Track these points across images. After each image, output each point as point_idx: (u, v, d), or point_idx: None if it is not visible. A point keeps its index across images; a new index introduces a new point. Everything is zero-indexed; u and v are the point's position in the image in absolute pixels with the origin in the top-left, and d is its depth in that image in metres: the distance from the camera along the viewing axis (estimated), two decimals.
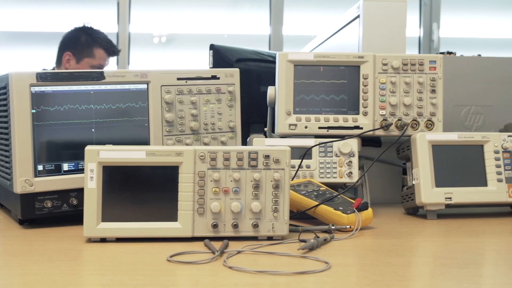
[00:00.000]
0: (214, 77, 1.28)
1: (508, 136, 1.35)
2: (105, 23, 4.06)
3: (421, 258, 0.96)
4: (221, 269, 0.85)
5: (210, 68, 1.85)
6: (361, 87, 1.34)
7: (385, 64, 1.35)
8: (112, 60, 4.07)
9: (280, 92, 1.34)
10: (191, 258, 0.90)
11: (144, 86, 1.23)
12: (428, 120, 1.36)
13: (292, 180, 1.30)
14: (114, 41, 4.04)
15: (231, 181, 1.04)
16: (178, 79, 1.25)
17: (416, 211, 1.36)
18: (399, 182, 1.58)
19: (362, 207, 1.16)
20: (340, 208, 1.16)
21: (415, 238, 1.13)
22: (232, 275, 0.82)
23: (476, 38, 4.31)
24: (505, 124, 1.64)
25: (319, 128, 1.34)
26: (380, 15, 1.51)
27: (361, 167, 1.36)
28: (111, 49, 2.77)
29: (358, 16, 1.55)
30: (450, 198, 1.28)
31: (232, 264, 0.87)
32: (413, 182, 1.31)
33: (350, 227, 1.12)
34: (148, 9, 4.21)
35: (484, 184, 1.32)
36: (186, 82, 1.26)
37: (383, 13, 1.51)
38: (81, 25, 2.79)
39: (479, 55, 2.04)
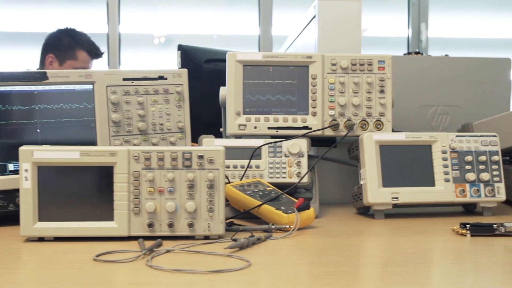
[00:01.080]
0: (161, 78, 1.30)
1: (456, 136, 1.35)
2: (95, 23, 4.09)
3: (346, 257, 0.97)
4: (141, 268, 0.86)
5: (179, 68, 1.86)
6: (310, 87, 1.35)
7: (334, 64, 1.36)
8: (103, 60, 4.10)
9: (230, 93, 1.35)
10: (119, 257, 0.91)
11: (90, 86, 1.24)
12: (377, 120, 1.37)
13: (241, 180, 1.31)
14: (104, 42, 4.06)
15: (166, 181, 1.05)
16: (124, 79, 1.26)
17: (367, 211, 1.37)
18: (355, 182, 1.59)
19: (303, 207, 1.17)
20: (282, 208, 1.17)
21: (353, 237, 1.14)
22: (150, 274, 0.83)
23: (465, 38, 4.31)
24: (462, 124, 1.65)
25: (269, 128, 1.35)
26: (335, 15, 1.52)
27: (312, 168, 1.37)
28: (94, 52, 2.78)
29: (315, 16, 1.56)
30: (397, 198, 1.29)
31: (156, 263, 0.88)
32: (361, 182, 1.32)
33: (290, 227, 1.13)
34: (138, 9, 4.22)
35: (432, 184, 1.32)
36: (132, 82, 1.27)
37: (338, 13, 1.52)
38: (64, 27, 2.80)
39: (446, 55, 2.05)
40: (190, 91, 2.05)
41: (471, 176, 1.32)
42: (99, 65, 4.07)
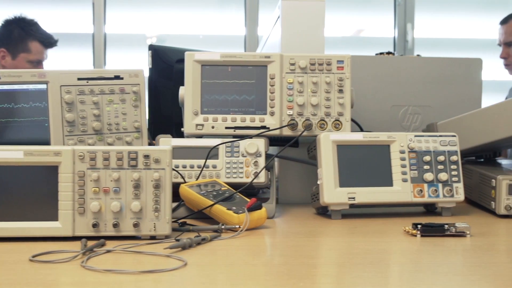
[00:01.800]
0: (117, 77, 1.29)
1: (415, 136, 1.35)
2: (81, 24, 4.09)
3: (287, 257, 0.96)
4: (74, 269, 0.86)
5: (149, 68, 1.86)
6: (268, 87, 1.35)
7: (292, 64, 1.35)
8: (89, 60, 4.09)
9: (187, 93, 1.35)
10: (57, 257, 0.91)
11: (43, 86, 1.23)
12: (335, 120, 1.36)
13: (197, 179, 1.31)
14: (91, 42, 4.06)
15: (111, 181, 1.04)
16: (79, 79, 1.26)
17: (325, 211, 1.37)
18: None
19: (254, 207, 1.16)
20: (233, 208, 1.17)
21: (303, 237, 1.13)
22: (80, 274, 0.83)
23: (451, 38, 4.30)
24: (427, 124, 1.64)
25: (226, 128, 1.35)
26: (298, 15, 1.51)
27: (270, 167, 1.36)
28: (47, 41, 2.68)
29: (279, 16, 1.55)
30: (354, 198, 1.28)
31: (94, 263, 0.88)
32: (318, 182, 1.31)
33: (240, 227, 1.13)
34: (132, 10, 4.20)
35: (390, 184, 1.32)
36: (87, 82, 1.26)
37: (301, 13, 1.51)
38: (12, 17, 2.68)
39: (418, 55, 2.04)
40: (162, 91, 2.04)
41: (429, 176, 1.32)
42: (86, 65, 4.07)
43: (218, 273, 0.86)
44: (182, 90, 1.38)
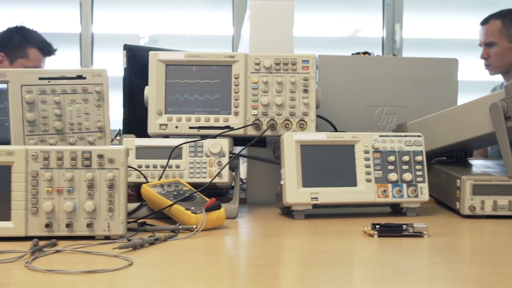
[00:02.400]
0: (80, 77, 1.29)
1: (380, 136, 1.34)
2: (68, 23, 4.08)
3: (237, 258, 0.96)
4: (18, 268, 0.85)
5: (124, 68, 1.85)
6: (233, 87, 1.34)
7: (257, 64, 1.35)
8: (76, 60, 4.08)
9: (151, 92, 1.34)
10: (5, 257, 0.90)
11: (4, 85, 1.23)
12: (300, 120, 1.36)
13: (160, 179, 1.30)
14: (77, 42, 4.05)
15: (65, 180, 1.04)
16: (40, 78, 1.25)
17: (290, 211, 1.36)
18: None
19: (212, 207, 1.16)
20: (192, 208, 1.16)
21: (260, 238, 1.13)
22: (21, 275, 0.83)
23: (439, 39, 4.30)
24: (397, 124, 1.64)
25: (190, 128, 1.34)
26: (267, 15, 1.51)
27: (234, 167, 1.36)
28: (46, 49, 2.72)
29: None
30: (317, 198, 1.28)
31: (40, 264, 0.87)
32: (281, 182, 1.31)
33: (197, 227, 1.12)
34: (126, 10, 4.19)
35: (354, 184, 1.31)
36: (48, 82, 1.26)
37: (270, 12, 1.51)
38: (14, 25, 2.74)
39: (394, 55, 2.04)
40: (137, 91, 2.03)
41: (393, 176, 1.31)
42: (72, 64, 4.06)
43: (162, 273, 0.86)
44: (147, 90, 1.38)
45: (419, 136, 1.36)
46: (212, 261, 0.94)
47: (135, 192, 1.38)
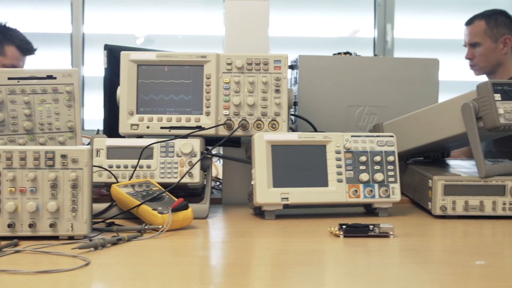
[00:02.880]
0: (50, 77, 1.28)
1: (352, 136, 1.34)
2: (59, 24, 4.08)
3: (199, 258, 0.96)
4: None
5: (105, 68, 1.85)
6: (205, 87, 1.34)
7: (229, 64, 1.35)
8: (66, 60, 4.07)
9: (122, 92, 1.34)
10: None
11: None
12: (272, 120, 1.36)
13: (130, 179, 1.30)
14: (68, 42, 4.05)
15: (28, 180, 1.04)
16: (9, 78, 1.25)
17: (262, 211, 1.35)
18: None
19: (179, 208, 1.16)
20: (159, 208, 1.16)
21: (227, 238, 1.13)
22: None
23: (431, 39, 4.30)
24: (373, 124, 1.64)
25: (161, 128, 1.34)
26: (242, 15, 1.50)
27: (206, 168, 1.36)
28: (25, 47, 2.67)
29: None
30: (287, 198, 1.28)
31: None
32: (252, 182, 1.30)
33: (163, 227, 1.12)
34: (120, 10, 4.19)
35: (325, 184, 1.31)
36: (18, 81, 1.25)
37: (245, 12, 1.51)
38: None
39: (376, 55, 2.04)
40: (116, 91, 2.03)
41: (364, 176, 1.31)
42: (60, 65, 4.05)
43: (118, 273, 0.86)
44: (119, 90, 1.38)
45: (391, 136, 1.36)
46: (175, 261, 0.94)
47: (108, 192, 1.38)
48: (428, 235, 1.18)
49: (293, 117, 1.96)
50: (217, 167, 1.82)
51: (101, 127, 1.92)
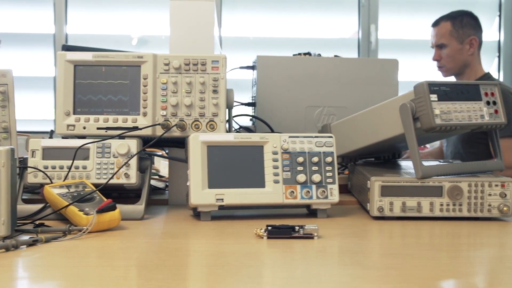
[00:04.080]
0: None
1: (289, 137, 1.33)
2: (43, 24, 4.08)
3: (117, 260, 0.95)
4: None
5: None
6: (142, 87, 1.34)
7: (166, 64, 1.34)
8: (50, 61, 4.07)
9: (59, 93, 1.33)
10: None
11: None
12: (210, 120, 1.35)
13: (65, 180, 1.30)
14: (50, 42, 4.05)
15: None
16: None
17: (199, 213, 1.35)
18: None
19: (105, 209, 1.15)
20: (86, 209, 1.16)
21: (153, 239, 1.12)
22: None
23: (415, 40, 4.29)
24: (322, 125, 1.63)
25: (98, 128, 1.34)
26: (187, 15, 1.50)
27: (145, 169, 1.35)
28: None
29: None
30: (222, 199, 1.27)
31: None
32: (187, 183, 1.30)
33: (86, 228, 1.11)
34: (115, 10, 4.19)
35: (262, 185, 1.30)
36: None
37: (190, 12, 1.50)
38: None
39: (336, 55, 2.03)
40: None
41: (301, 177, 1.30)
42: (42, 65, 4.05)
43: (22, 275, 0.85)
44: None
45: (330, 137, 1.35)
46: (92, 263, 0.93)
47: None
48: (357, 237, 1.16)
49: (251, 118, 1.95)
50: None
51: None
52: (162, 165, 1.85)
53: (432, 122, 1.27)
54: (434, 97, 1.29)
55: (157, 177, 1.77)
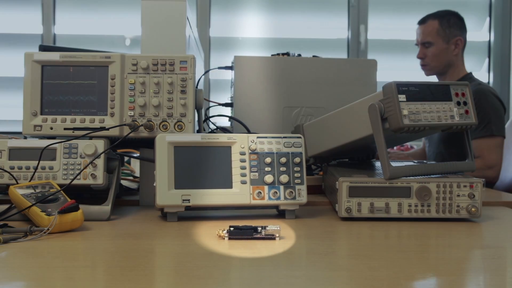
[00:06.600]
0: None
1: (258, 137, 1.33)
2: (32, 24, 4.08)
3: (72, 261, 0.95)
4: None
5: None
6: (109, 87, 1.33)
7: (134, 64, 1.33)
8: None
9: (26, 93, 1.33)
10: None
11: None
12: (178, 121, 1.34)
13: (30, 181, 1.29)
14: (38, 42, 4.05)
15: None
16: None
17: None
18: None
19: (67, 209, 1.14)
20: (49, 210, 1.15)
21: (111, 240, 1.11)
22: None
23: (404, 40, 4.29)
24: (295, 126, 1.63)
25: (65, 129, 1.33)
26: (158, 15, 1.49)
27: (113, 169, 1.35)
28: None
29: None
30: (188, 200, 1.26)
31: None
32: (154, 184, 1.29)
33: (48, 229, 1.11)
34: (112, 11, 4.18)
35: (229, 186, 1.30)
36: None
37: (162, 13, 1.49)
38: None
39: (315, 56, 2.03)
40: None
41: (268, 178, 1.30)
42: None
43: None
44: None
45: (299, 137, 1.35)
46: (49, 264, 0.92)
47: None
48: (323, 238, 1.16)
49: (229, 119, 1.95)
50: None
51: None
52: (137, 166, 1.84)
53: (400, 123, 1.27)
54: (402, 97, 1.28)
55: (131, 177, 1.76)
